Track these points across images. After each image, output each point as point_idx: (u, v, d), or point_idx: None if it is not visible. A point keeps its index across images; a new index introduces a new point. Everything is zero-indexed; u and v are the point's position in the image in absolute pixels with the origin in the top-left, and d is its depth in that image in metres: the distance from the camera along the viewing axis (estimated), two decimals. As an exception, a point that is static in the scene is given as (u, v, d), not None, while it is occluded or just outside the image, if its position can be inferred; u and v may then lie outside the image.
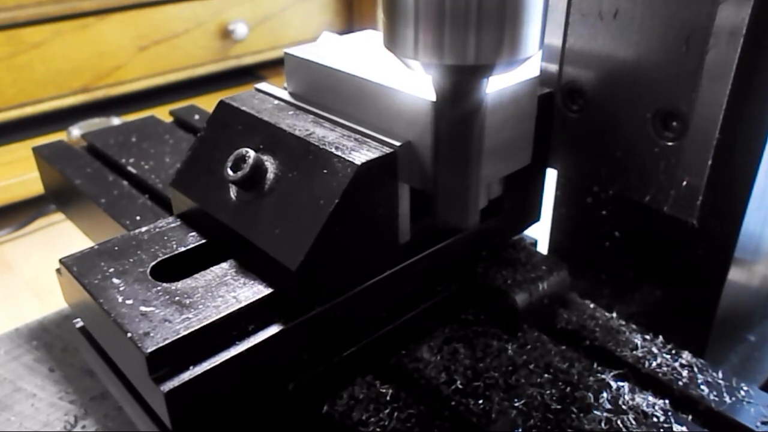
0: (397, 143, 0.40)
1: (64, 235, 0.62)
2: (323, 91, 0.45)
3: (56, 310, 0.62)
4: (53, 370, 0.57)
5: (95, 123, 1.66)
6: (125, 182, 0.61)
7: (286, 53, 0.47)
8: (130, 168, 0.62)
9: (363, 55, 0.46)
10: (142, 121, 0.71)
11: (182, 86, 1.85)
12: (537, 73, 0.43)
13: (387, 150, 0.40)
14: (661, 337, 0.46)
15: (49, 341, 0.60)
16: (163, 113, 0.77)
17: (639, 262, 0.54)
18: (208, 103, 0.46)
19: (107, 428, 0.51)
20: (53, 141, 0.66)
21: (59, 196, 0.65)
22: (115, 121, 1.68)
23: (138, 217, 0.55)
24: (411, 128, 0.40)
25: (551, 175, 0.55)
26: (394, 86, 0.41)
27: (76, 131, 1.59)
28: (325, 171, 0.39)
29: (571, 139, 0.50)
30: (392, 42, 0.35)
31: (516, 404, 0.41)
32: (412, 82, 0.41)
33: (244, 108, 0.45)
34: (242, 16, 1.87)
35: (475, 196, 0.39)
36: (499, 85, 0.41)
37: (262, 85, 0.48)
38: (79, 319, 0.43)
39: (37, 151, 0.64)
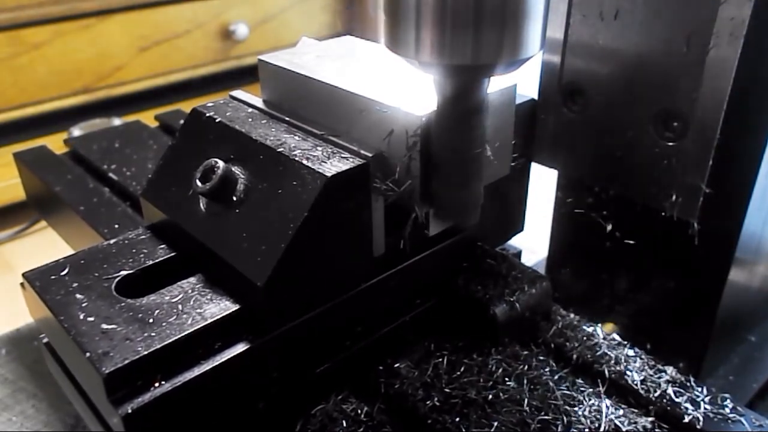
0: (369, 154, 0.39)
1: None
2: (297, 99, 0.44)
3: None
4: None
5: (96, 123, 1.66)
6: (106, 189, 0.60)
7: (260, 60, 0.46)
8: (111, 174, 0.61)
9: (339, 63, 0.45)
10: (127, 126, 0.70)
11: (183, 87, 1.84)
12: (515, 81, 0.42)
13: (359, 161, 0.38)
14: (644, 353, 0.45)
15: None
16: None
17: (640, 263, 0.53)
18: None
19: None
20: (34, 146, 0.65)
21: (40, 202, 0.64)
22: (116, 121, 1.68)
23: (116, 226, 0.54)
24: (385, 138, 0.39)
25: (552, 176, 0.55)
26: (368, 95, 0.40)
27: (77, 132, 1.58)
28: (294, 182, 0.38)
29: (572, 140, 0.49)
30: (393, 42, 0.35)
31: (494, 422, 0.40)
32: (387, 91, 0.40)
33: (216, 116, 0.44)
34: (243, 16, 1.86)
35: (476, 195, 0.39)
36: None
37: (237, 93, 0.47)
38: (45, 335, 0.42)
39: (17, 156, 0.63)
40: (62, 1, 1.62)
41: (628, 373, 0.43)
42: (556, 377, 0.43)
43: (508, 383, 0.43)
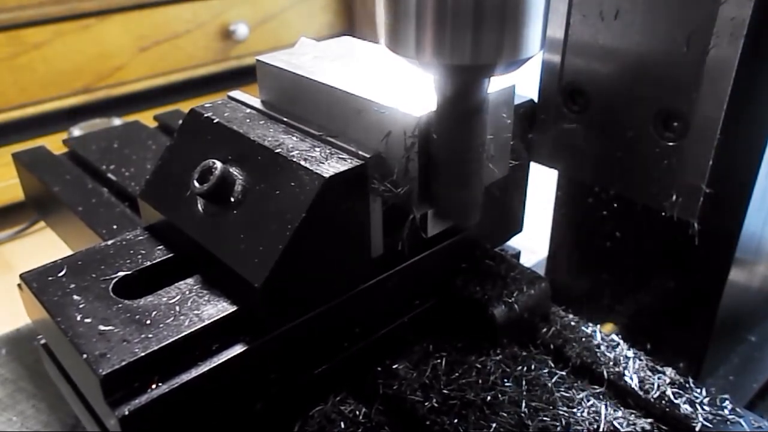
0: (367, 155, 0.38)
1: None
2: (295, 99, 0.44)
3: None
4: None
5: (96, 124, 1.66)
6: (105, 189, 0.60)
7: (258, 60, 0.46)
8: (110, 175, 0.61)
9: (337, 63, 0.45)
10: (126, 126, 0.70)
11: (183, 87, 1.84)
12: (513, 82, 0.42)
13: (357, 162, 0.38)
14: (644, 353, 0.45)
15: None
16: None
17: (640, 263, 0.53)
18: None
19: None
20: (33, 147, 0.65)
21: (39, 203, 0.64)
22: (117, 121, 1.68)
23: (115, 226, 0.54)
24: (383, 139, 0.39)
25: (552, 175, 0.54)
26: (365, 96, 0.40)
27: (76, 132, 1.58)
28: (292, 183, 0.38)
29: (572, 140, 0.49)
30: (393, 42, 0.35)
31: (492, 423, 0.40)
32: (385, 91, 0.40)
33: (214, 117, 0.44)
34: (243, 16, 1.86)
35: (476, 195, 0.39)
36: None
37: (235, 93, 0.47)
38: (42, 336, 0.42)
39: (16, 157, 0.63)
40: (62, 1, 1.61)
41: (627, 374, 0.43)
42: (554, 378, 0.43)
43: (506, 384, 0.43)
